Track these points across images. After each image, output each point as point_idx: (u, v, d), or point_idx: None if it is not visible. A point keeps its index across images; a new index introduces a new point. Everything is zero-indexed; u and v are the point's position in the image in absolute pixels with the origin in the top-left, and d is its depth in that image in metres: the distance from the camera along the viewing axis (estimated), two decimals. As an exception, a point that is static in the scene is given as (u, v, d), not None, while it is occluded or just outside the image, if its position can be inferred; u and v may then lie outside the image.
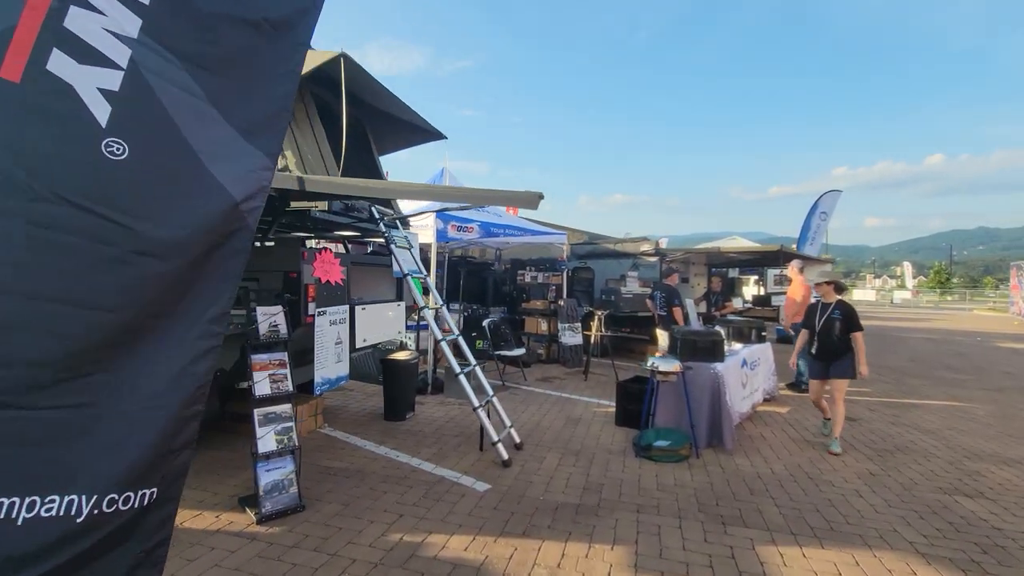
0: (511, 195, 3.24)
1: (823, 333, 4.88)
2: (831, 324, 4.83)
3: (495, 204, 3.66)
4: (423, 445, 4.68)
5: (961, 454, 4.83)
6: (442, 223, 6.85)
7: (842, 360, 4.81)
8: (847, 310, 4.83)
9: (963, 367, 10.23)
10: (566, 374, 8.30)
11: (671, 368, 4.54)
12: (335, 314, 4.04)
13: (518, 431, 5.15)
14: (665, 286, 7.65)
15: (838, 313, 4.84)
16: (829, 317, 4.87)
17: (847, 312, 4.82)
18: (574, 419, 5.70)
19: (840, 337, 4.78)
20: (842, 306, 4.87)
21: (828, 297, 4.95)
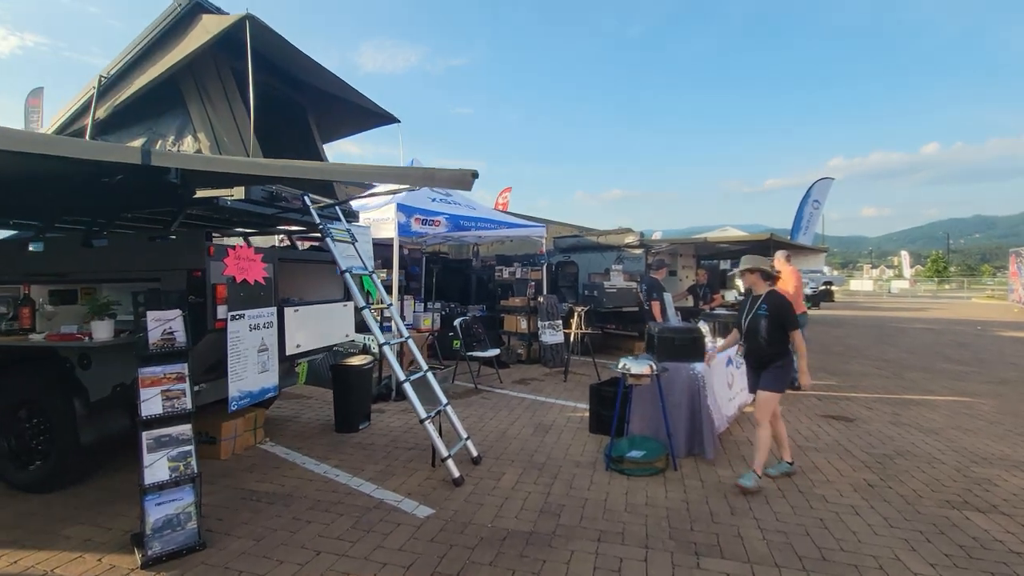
0: (440, 173, 2.76)
1: (748, 333, 3.89)
2: (757, 322, 3.80)
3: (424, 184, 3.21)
4: (370, 461, 4.19)
5: (968, 458, 4.36)
6: (404, 216, 6.36)
7: (770, 368, 3.76)
8: (776, 304, 3.78)
9: (964, 358, 9.79)
10: (545, 375, 7.82)
11: (643, 371, 4.05)
12: (257, 317, 3.54)
13: (482, 441, 4.69)
14: (649, 278, 7.18)
15: (765, 308, 3.79)
16: (755, 313, 3.83)
17: (776, 306, 3.77)
18: (545, 426, 5.22)
19: (768, 338, 3.74)
20: (771, 299, 3.81)
21: (757, 288, 3.92)
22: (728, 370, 5.00)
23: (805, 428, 5.18)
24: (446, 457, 3.73)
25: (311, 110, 4.77)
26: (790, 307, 3.80)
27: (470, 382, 6.99)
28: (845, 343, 11.98)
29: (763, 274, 3.89)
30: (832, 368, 8.67)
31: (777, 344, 3.75)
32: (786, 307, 3.78)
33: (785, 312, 3.76)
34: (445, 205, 7.54)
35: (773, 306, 3.79)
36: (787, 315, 3.76)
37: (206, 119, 3.63)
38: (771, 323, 3.75)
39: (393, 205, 6.34)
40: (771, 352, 3.77)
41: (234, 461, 4.18)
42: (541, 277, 8.84)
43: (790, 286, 6.81)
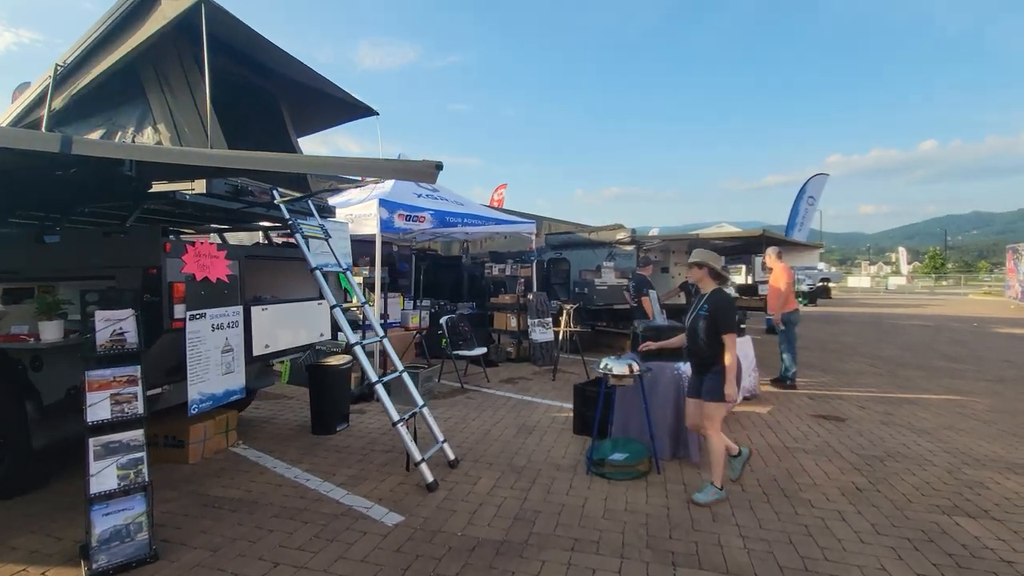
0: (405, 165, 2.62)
1: (689, 334, 3.62)
2: (696, 322, 3.53)
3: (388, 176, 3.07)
4: (343, 465, 4.05)
5: (960, 459, 4.24)
6: (386, 212, 6.20)
7: (711, 374, 3.46)
8: (716, 303, 3.46)
9: (960, 356, 9.68)
10: (534, 374, 7.68)
11: (625, 371, 3.91)
12: (220, 317, 3.40)
13: (463, 443, 4.57)
14: (637, 275, 7.04)
15: (705, 308, 3.49)
16: (696, 313, 3.56)
17: (715, 306, 3.45)
18: (528, 427, 5.09)
19: (707, 341, 3.45)
20: (713, 298, 3.50)
21: (703, 285, 3.63)
22: (715, 369, 4.85)
23: (795, 428, 5.05)
24: (419, 461, 3.60)
25: (284, 101, 4.61)
26: (728, 308, 3.47)
27: (457, 381, 6.85)
28: (840, 340, 11.86)
29: (710, 271, 3.58)
30: (826, 366, 8.55)
31: (716, 347, 3.42)
32: (724, 308, 3.45)
33: (722, 312, 3.42)
34: (431, 201, 7.39)
35: (713, 306, 3.47)
36: (723, 316, 3.41)
37: (166, 109, 3.47)
38: (709, 324, 3.44)
39: (375, 201, 6.19)
40: (710, 355, 3.45)
41: (202, 465, 4.04)
42: (531, 274, 8.69)
43: (782, 283, 6.69)
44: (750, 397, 6.07)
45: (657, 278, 10.41)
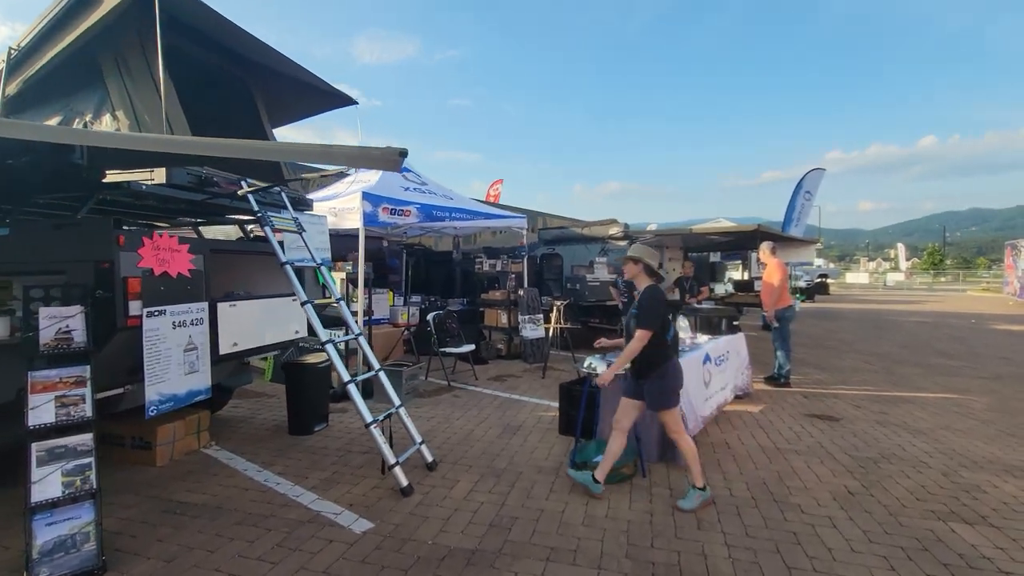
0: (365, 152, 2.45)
1: (626, 334, 3.46)
2: (630, 322, 3.33)
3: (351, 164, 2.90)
4: (317, 468, 3.90)
5: (957, 461, 4.10)
6: (370, 205, 6.02)
7: (651, 379, 3.24)
8: (642, 300, 3.26)
9: (958, 352, 9.55)
10: (524, 371, 7.53)
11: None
12: (183, 314, 3.23)
13: (444, 443, 4.42)
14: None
15: (636, 307, 3.31)
16: (631, 312, 3.38)
17: (640, 302, 3.27)
18: (514, 427, 4.94)
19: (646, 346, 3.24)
20: (643, 295, 3.28)
21: (639, 282, 3.38)
22: (705, 368, 4.71)
23: (787, 428, 4.91)
24: (393, 464, 3.45)
25: (257, 90, 4.43)
26: (651, 303, 3.22)
27: (445, 379, 6.70)
28: (837, 337, 11.73)
29: (646, 267, 3.33)
30: (822, 363, 8.41)
31: (651, 347, 3.18)
32: (647, 303, 3.22)
33: (643, 308, 3.20)
34: (419, 195, 7.21)
35: (640, 303, 3.26)
36: (644, 310, 3.18)
37: (125, 95, 3.30)
38: (637, 323, 3.21)
39: (358, 194, 6.01)
40: (647, 357, 3.20)
41: (170, 468, 3.89)
42: (522, 270, 8.53)
43: (775, 279, 6.54)
44: (742, 396, 5.92)
45: (651, 274, 10.27)
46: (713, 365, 4.94)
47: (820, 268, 35.92)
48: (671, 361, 3.28)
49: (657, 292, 3.30)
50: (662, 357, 3.23)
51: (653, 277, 3.37)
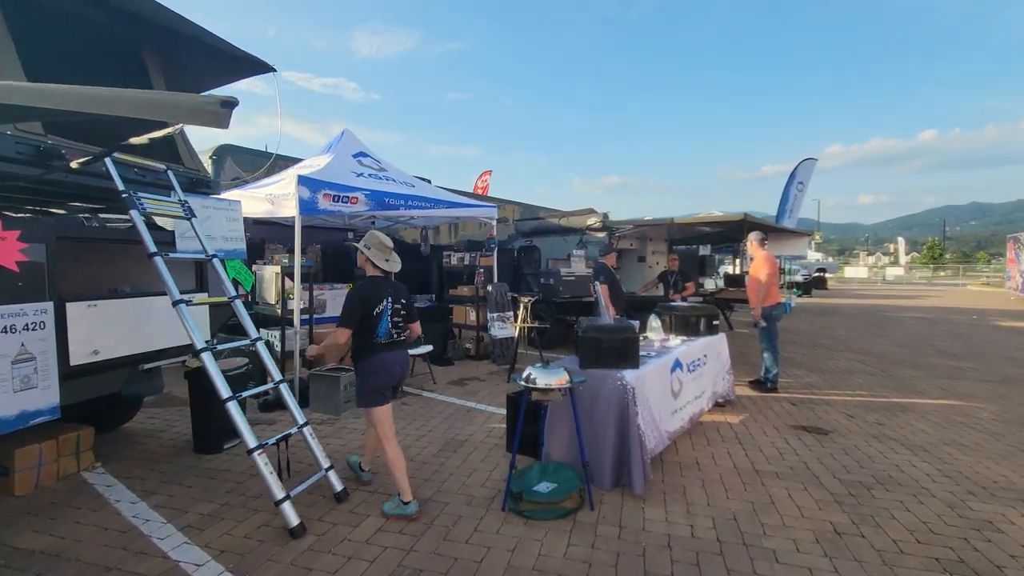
0: (171, 100, 1.81)
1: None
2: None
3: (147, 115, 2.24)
4: (206, 497, 3.28)
5: (965, 488, 3.49)
6: (308, 191, 5.37)
7: (356, 375, 3.20)
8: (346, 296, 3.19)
9: (960, 352, 8.95)
10: (490, 374, 6.92)
11: (553, 382, 3.14)
12: (12, 317, 2.60)
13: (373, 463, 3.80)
14: (598, 263, 6.26)
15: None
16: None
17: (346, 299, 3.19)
18: (457, 442, 4.33)
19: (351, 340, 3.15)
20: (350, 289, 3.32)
21: (368, 270, 3.27)
22: (674, 376, 4.09)
23: (769, 444, 4.30)
24: (280, 500, 2.83)
25: (150, 54, 3.77)
26: (349, 300, 3.07)
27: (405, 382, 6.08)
28: (833, 335, 11.13)
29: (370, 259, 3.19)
30: (814, 364, 7.81)
31: (355, 342, 3.10)
32: (346, 300, 3.09)
33: (344, 304, 3.06)
34: (373, 181, 6.55)
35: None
36: (343, 307, 3.05)
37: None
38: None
39: (293, 178, 5.36)
40: (354, 352, 3.11)
41: (29, 499, 3.27)
42: (492, 264, 7.89)
43: (762, 273, 5.91)
44: (723, 403, 5.32)
45: (633, 267, 9.65)
46: (685, 372, 4.32)
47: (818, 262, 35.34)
48: (374, 357, 3.09)
49: (359, 287, 3.14)
50: (362, 354, 3.10)
51: (377, 269, 3.20)
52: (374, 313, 3.04)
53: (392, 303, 3.12)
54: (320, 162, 6.68)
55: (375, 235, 3.25)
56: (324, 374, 5.14)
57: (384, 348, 3.11)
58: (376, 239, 3.23)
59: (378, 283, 3.15)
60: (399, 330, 3.18)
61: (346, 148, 7.09)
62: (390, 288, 3.16)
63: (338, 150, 6.98)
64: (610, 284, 5.91)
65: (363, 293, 3.08)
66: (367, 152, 7.31)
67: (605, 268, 6.07)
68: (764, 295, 5.90)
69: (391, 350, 3.15)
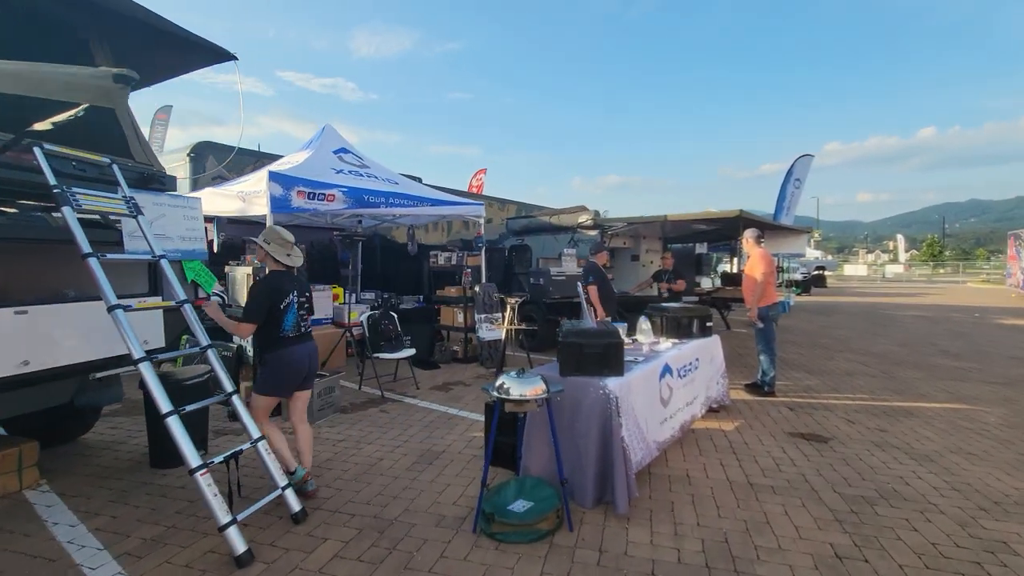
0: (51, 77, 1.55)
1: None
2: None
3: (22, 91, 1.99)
4: (153, 519, 3.03)
5: (975, 502, 3.24)
6: (280, 188, 5.11)
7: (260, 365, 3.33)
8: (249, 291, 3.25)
9: (963, 351, 8.70)
10: (477, 377, 6.66)
11: (527, 392, 2.88)
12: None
13: (338, 478, 3.60)
14: (589, 263, 6.00)
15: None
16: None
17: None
18: (434, 453, 4.07)
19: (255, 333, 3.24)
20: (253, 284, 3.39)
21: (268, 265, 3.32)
22: (663, 382, 3.84)
23: (765, 453, 4.04)
24: (225, 525, 2.57)
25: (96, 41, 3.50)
26: (253, 292, 3.14)
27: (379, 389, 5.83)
28: (832, 334, 10.88)
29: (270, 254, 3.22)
30: (813, 365, 7.55)
31: (259, 336, 3.17)
32: (249, 292, 3.17)
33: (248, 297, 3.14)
34: (353, 178, 6.29)
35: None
36: (247, 300, 3.14)
37: None
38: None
39: (264, 174, 5.10)
40: (257, 344, 3.22)
41: (-39, 520, 3.01)
42: (479, 263, 7.64)
43: (758, 272, 5.66)
44: (717, 408, 5.06)
45: (626, 267, 9.39)
46: (675, 378, 4.06)
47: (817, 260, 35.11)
48: (284, 351, 3.16)
49: (265, 281, 3.17)
50: (269, 347, 3.15)
51: (277, 264, 3.21)
52: (281, 307, 3.10)
53: (297, 296, 3.21)
54: (299, 158, 6.44)
55: (275, 230, 3.27)
56: (297, 380, 4.88)
57: (293, 341, 3.18)
58: (276, 234, 3.24)
59: (282, 277, 3.20)
60: (304, 323, 3.28)
61: (327, 144, 6.85)
62: (295, 282, 3.24)
63: (318, 146, 6.74)
64: (600, 285, 5.65)
65: (269, 288, 3.11)
66: (349, 148, 7.06)
67: (595, 268, 5.82)
68: (760, 295, 5.66)
69: (299, 343, 3.23)
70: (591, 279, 5.60)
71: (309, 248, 9.01)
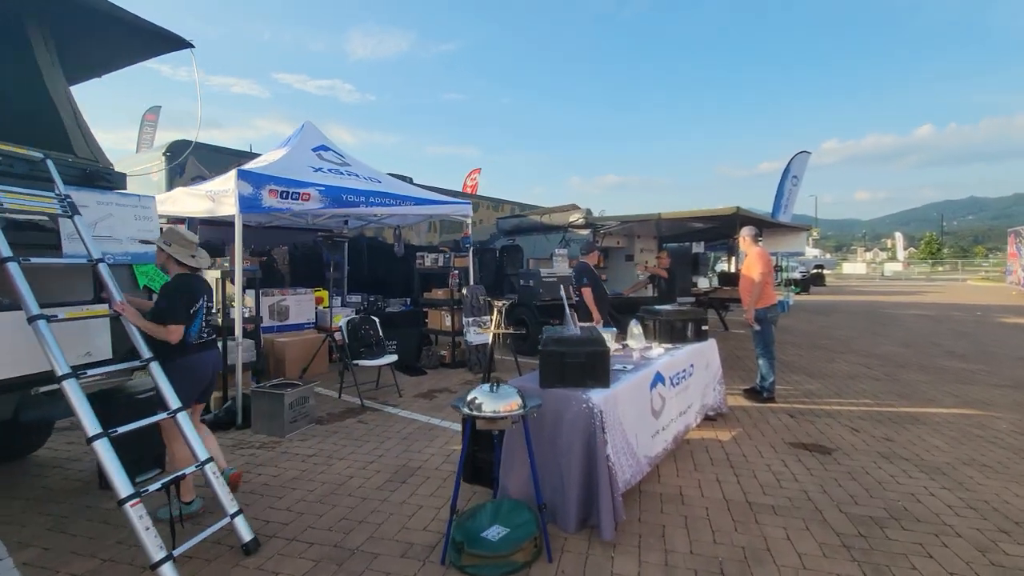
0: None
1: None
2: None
3: None
4: (90, 550, 2.74)
5: (994, 522, 2.97)
6: (250, 186, 4.82)
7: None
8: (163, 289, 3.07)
9: (969, 352, 8.44)
10: (464, 384, 6.38)
11: (501, 408, 2.60)
12: None
13: (301, 499, 3.32)
14: (579, 263, 5.73)
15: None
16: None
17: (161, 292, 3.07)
18: (410, 469, 3.79)
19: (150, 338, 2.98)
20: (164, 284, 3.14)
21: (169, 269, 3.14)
22: (654, 392, 3.56)
23: (764, 467, 3.77)
24: (158, 562, 2.29)
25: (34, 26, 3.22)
26: (164, 293, 3.01)
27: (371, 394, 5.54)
28: (833, 334, 10.62)
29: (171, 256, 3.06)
30: (814, 368, 7.28)
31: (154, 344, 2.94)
32: (162, 293, 3.02)
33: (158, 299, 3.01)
34: (333, 176, 6.00)
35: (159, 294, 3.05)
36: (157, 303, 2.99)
37: None
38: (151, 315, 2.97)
39: (234, 172, 4.81)
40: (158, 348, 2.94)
41: None
42: (467, 264, 7.36)
43: (755, 272, 5.39)
44: (713, 417, 4.79)
45: (620, 267, 9.12)
46: (668, 387, 3.78)
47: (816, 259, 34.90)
48: (190, 358, 3.01)
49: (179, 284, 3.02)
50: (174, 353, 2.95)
51: (181, 266, 3.07)
52: (190, 312, 2.98)
53: (206, 301, 3.10)
54: (275, 156, 6.15)
55: (176, 231, 3.13)
56: (267, 391, 4.60)
57: (198, 348, 3.06)
58: (178, 235, 3.10)
59: (191, 280, 3.08)
60: (207, 330, 3.15)
61: (306, 142, 6.56)
62: (204, 285, 3.14)
63: (296, 144, 6.45)
64: (593, 287, 5.38)
65: (184, 289, 2.98)
66: (329, 146, 6.77)
67: (587, 269, 5.54)
68: (758, 296, 5.38)
69: (205, 349, 3.12)
70: (584, 281, 5.33)
71: (292, 250, 8.74)
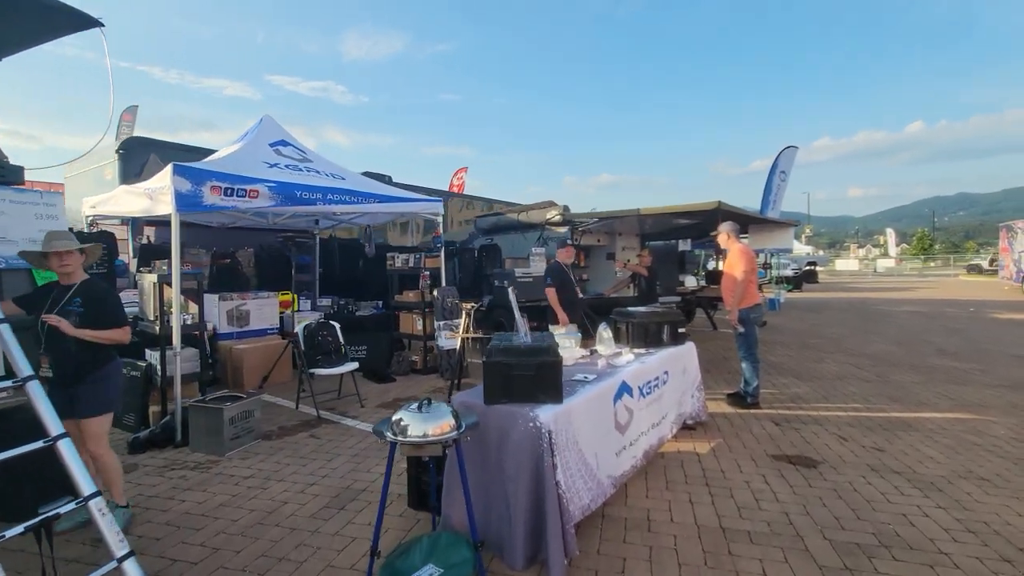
0: None
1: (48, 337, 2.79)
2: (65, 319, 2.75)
3: None
4: (-44, 602, 2.36)
5: (996, 549, 2.64)
6: (189, 183, 4.42)
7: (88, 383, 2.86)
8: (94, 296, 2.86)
9: (962, 350, 8.16)
10: (433, 391, 6.02)
11: (430, 431, 2.24)
12: None
13: (220, 532, 2.93)
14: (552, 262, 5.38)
15: (79, 302, 2.82)
16: (63, 308, 2.79)
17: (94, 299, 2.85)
18: (354, 492, 3.43)
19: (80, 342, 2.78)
20: (87, 289, 2.87)
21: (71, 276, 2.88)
22: (619, 405, 3.20)
23: (742, 484, 3.43)
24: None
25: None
26: (108, 298, 2.93)
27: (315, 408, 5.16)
28: (823, 333, 10.33)
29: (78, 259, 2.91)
30: (802, 369, 6.97)
31: (94, 348, 2.85)
32: (104, 298, 2.90)
33: (103, 305, 2.87)
34: (289, 172, 5.61)
35: (89, 299, 2.84)
36: (105, 309, 2.87)
37: None
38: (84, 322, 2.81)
39: (168, 169, 4.41)
40: (86, 359, 2.84)
41: None
42: (439, 265, 6.99)
43: (737, 270, 5.05)
44: (692, 425, 4.45)
45: (601, 266, 8.79)
46: (636, 397, 3.43)
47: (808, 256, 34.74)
48: (117, 362, 3.04)
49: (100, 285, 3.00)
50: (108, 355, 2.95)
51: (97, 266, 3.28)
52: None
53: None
54: (227, 152, 5.77)
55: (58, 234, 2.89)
56: (206, 405, 4.22)
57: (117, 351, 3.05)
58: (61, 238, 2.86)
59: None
60: None
61: (263, 137, 6.17)
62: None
63: (252, 139, 6.06)
64: (559, 287, 5.03)
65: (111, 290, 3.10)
66: (289, 141, 6.38)
67: (554, 268, 5.20)
68: (741, 295, 5.05)
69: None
70: (548, 281, 4.98)
71: (258, 252, 8.34)
